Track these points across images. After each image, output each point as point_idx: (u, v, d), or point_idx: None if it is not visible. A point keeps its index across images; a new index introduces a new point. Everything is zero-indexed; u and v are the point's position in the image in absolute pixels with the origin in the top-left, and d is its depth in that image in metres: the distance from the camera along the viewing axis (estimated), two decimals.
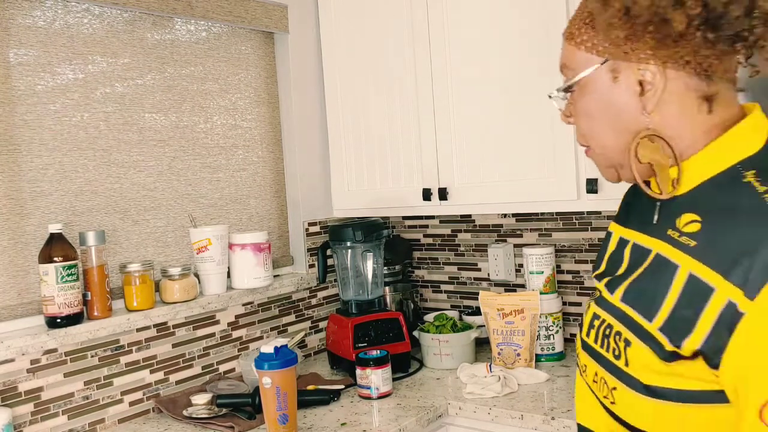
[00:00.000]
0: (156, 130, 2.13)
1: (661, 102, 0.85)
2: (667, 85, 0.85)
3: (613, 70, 0.87)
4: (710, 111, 0.85)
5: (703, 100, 0.85)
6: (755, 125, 0.85)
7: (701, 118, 0.86)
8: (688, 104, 0.85)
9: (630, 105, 0.87)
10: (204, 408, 1.91)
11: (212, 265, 2.12)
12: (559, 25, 1.91)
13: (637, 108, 0.86)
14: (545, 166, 2.05)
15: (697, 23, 0.80)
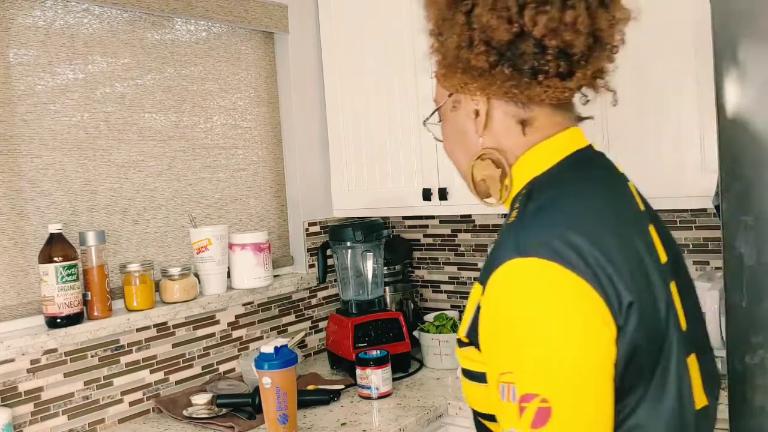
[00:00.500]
0: (156, 130, 2.13)
1: (489, 126, 1.00)
2: (491, 112, 0.99)
3: (455, 101, 1.03)
4: (524, 133, 0.98)
5: (519, 124, 0.98)
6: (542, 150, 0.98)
7: (518, 140, 0.99)
8: (509, 127, 0.99)
9: (469, 129, 1.01)
10: (204, 408, 1.91)
11: (212, 265, 2.12)
12: None
13: (474, 131, 1.01)
14: None
15: (495, 60, 0.94)
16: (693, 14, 1.79)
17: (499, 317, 0.86)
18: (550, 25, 0.91)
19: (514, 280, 0.85)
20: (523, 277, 0.84)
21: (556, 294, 0.83)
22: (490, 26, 0.92)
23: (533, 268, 0.84)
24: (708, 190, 1.66)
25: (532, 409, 0.81)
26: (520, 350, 0.83)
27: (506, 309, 0.85)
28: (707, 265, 2.19)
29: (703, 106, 1.78)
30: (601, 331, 0.82)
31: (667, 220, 2.25)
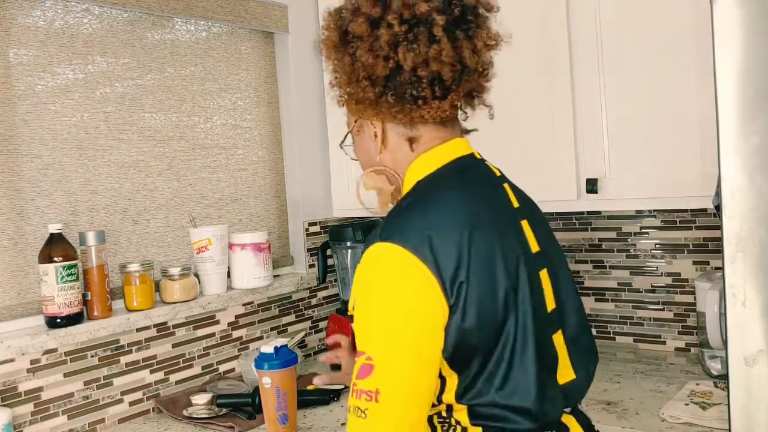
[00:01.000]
0: (156, 130, 2.13)
1: (386, 145, 1.19)
2: (386, 133, 1.19)
3: (359, 126, 1.22)
4: (412, 149, 1.18)
5: (407, 141, 1.18)
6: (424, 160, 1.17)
7: (407, 155, 1.18)
8: (400, 145, 1.18)
9: (371, 149, 1.21)
10: (204, 408, 1.91)
11: (212, 265, 2.12)
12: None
13: (375, 150, 1.20)
14: (545, 165, 2.05)
15: (379, 91, 1.12)
16: (693, 14, 1.79)
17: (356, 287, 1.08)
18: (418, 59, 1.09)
19: (372, 258, 1.06)
20: (379, 256, 1.05)
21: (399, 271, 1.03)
22: (369, 64, 1.11)
23: (389, 250, 1.04)
24: (708, 190, 1.66)
25: (359, 363, 1.02)
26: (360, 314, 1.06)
27: (361, 281, 1.07)
28: (707, 265, 2.19)
29: (703, 106, 1.79)
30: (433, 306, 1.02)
31: (667, 220, 2.26)
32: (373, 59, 1.10)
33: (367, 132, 1.21)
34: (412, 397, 1.02)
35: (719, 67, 1.24)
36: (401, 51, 1.09)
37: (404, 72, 1.10)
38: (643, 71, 1.89)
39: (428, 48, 1.09)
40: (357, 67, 1.12)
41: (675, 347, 2.27)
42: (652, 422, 1.68)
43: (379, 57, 1.10)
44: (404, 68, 1.10)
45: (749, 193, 1.22)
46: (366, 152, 1.24)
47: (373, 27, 1.11)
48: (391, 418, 1.01)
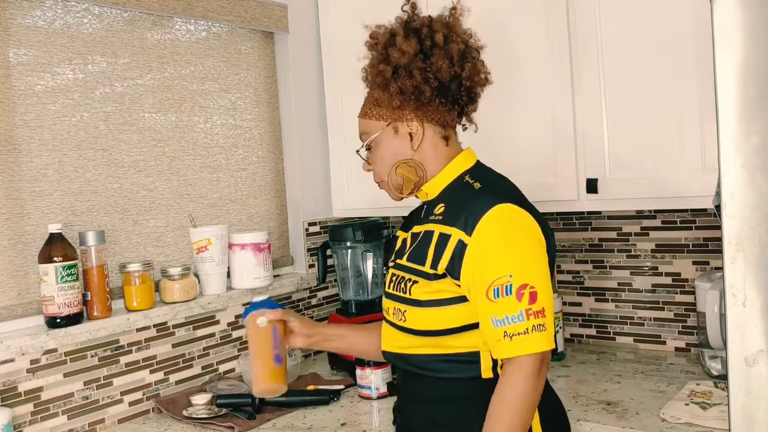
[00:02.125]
0: (156, 130, 2.13)
1: (422, 142, 1.47)
2: (425, 132, 1.47)
3: (394, 129, 1.47)
4: (447, 145, 1.49)
5: (443, 139, 1.48)
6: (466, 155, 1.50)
7: (443, 150, 1.48)
8: (436, 142, 1.48)
9: (406, 147, 1.47)
10: (204, 408, 1.91)
11: (212, 265, 2.12)
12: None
13: (409, 148, 1.47)
14: (545, 166, 2.05)
15: (436, 94, 1.43)
16: (693, 14, 1.79)
17: (498, 239, 1.34)
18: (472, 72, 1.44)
19: (503, 215, 1.35)
20: (509, 213, 1.36)
21: (526, 224, 1.37)
22: (441, 69, 1.41)
23: (512, 208, 1.36)
24: (708, 190, 1.66)
25: (527, 293, 1.31)
26: (512, 258, 1.33)
27: (503, 233, 1.34)
28: (707, 265, 2.19)
29: (704, 106, 1.78)
30: (543, 245, 1.39)
31: (667, 220, 2.26)
32: (446, 65, 1.41)
33: (402, 132, 1.46)
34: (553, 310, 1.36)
35: (719, 67, 1.24)
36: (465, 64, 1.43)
37: (457, 80, 1.43)
38: (643, 71, 1.89)
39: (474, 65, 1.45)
40: (431, 70, 1.40)
41: (675, 347, 2.27)
42: (652, 422, 1.68)
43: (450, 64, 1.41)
44: (459, 77, 1.43)
45: (749, 193, 1.22)
46: (395, 151, 1.47)
47: (445, 41, 1.42)
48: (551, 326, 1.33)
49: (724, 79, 1.23)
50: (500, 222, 1.34)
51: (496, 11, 2.10)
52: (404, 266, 1.47)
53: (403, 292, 1.44)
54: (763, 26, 1.21)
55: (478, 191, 1.41)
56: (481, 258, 1.33)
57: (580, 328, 2.44)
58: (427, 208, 1.50)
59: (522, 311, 1.30)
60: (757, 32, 1.21)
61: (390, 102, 1.45)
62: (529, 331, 1.30)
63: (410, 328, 1.42)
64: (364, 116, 1.51)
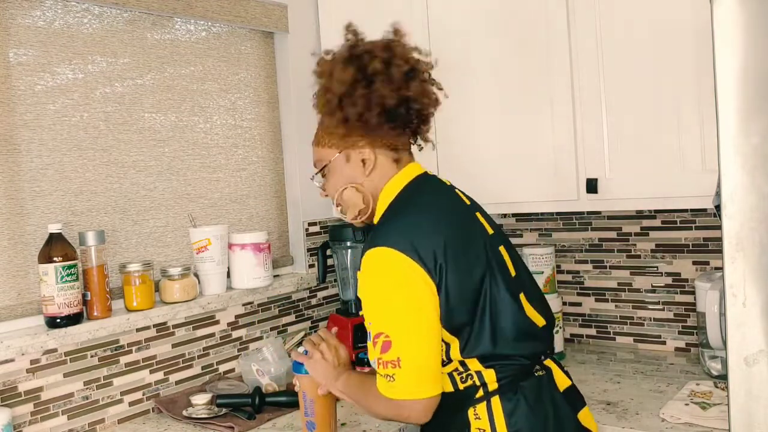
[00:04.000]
0: (156, 130, 2.13)
1: (374, 168, 1.47)
2: (377, 158, 1.47)
3: (346, 156, 1.49)
4: (398, 169, 1.48)
5: (394, 162, 1.48)
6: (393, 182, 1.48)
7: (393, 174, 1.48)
8: (387, 166, 1.48)
9: (358, 174, 1.48)
10: (204, 408, 1.91)
11: (212, 265, 2.12)
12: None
13: (362, 174, 1.48)
14: (545, 165, 2.05)
15: (383, 119, 1.42)
16: (693, 14, 1.79)
17: (364, 286, 1.36)
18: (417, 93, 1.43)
19: (371, 261, 1.35)
20: (376, 258, 1.34)
21: (394, 267, 1.32)
22: (384, 95, 1.39)
23: (382, 252, 1.34)
24: (708, 190, 1.66)
25: (380, 342, 1.32)
26: (372, 306, 1.35)
27: (367, 279, 1.35)
28: (707, 265, 2.20)
29: (704, 106, 1.79)
30: (423, 289, 1.32)
31: (667, 220, 2.26)
32: (389, 90, 1.39)
33: (354, 159, 1.48)
34: (424, 358, 1.32)
35: (719, 67, 1.24)
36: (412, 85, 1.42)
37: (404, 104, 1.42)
38: (643, 71, 1.89)
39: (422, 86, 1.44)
40: (373, 97, 1.39)
41: (675, 347, 2.27)
42: (652, 422, 1.68)
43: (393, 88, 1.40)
44: (409, 100, 1.42)
45: (749, 193, 1.22)
46: (348, 178, 1.49)
47: (386, 66, 1.40)
48: (411, 376, 1.32)
49: (724, 79, 1.23)
50: (368, 268, 1.35)
51: (496, 11, 2.10)
52: None
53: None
54: (763, 26, 1.21)
55: (375, 229, 1.44)
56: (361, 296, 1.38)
57: (580, 328, 2.44)
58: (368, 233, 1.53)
59: (375, 359, 1.34)
60: (757, 32, 1.21)
61: (340, 131, 1.47)
62: (381, 376, 1.35)
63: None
64: (317, 144, 1.56)
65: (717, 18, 1.24)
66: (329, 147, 1.52)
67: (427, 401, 1.33)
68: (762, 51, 1.21)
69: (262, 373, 2.04)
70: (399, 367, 1.31)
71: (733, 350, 1.24)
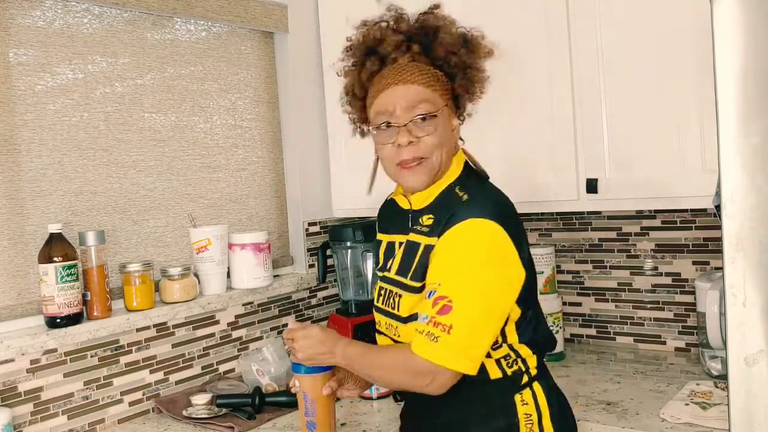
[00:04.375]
0: (156, 130, 2.13)
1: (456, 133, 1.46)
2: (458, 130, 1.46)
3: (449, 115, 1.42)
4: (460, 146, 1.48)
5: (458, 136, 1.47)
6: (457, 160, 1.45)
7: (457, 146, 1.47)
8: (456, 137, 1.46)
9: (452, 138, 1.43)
10: (204, 408, 1.91)
11: (212, 265, 2.12)
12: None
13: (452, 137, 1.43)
14: (545, 165, 2.05)
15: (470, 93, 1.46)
16: (693, 14, 1.79)
17: (451, 248, 1.32)
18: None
19: (472, 229, 1.32)
20: (479, 228, 1.31)
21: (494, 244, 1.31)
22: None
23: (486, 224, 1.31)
24: (708, 190, 1.66)
25: (441, 304, 1.29)
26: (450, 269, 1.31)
27: (459, 244, 1.32)
28: (707, 265, 2.19)
29: (704, 106, 1.78)
30: (514, 269, 1.34)
31: (667, 220, 2.26)
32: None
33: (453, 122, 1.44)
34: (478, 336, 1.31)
35: (719, 67, 1.24)
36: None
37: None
38: (643, 71, 1.89)
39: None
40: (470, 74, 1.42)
41: (675, 347, 2.27)
42: (652, 422, 1.68)
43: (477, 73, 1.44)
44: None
45: (749, 193, 1.22)
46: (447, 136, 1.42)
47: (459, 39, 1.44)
48: (456, 346, 1.29)
49: (724, 79, 1.23)
50: (464, 233, 1.32)
51: (495, 12, 2.10)
52: (391, 279, 1.46)
53: (392, 307, 1.43)
54: (763, 26, 1.21)
55: (464, 203, 1.37)
56: (433, 259, 1.35)
57: (580, 328, 2.44)
58: (413, 217, 1.46)
59: (428, 316, 1.30)
60: (757, 32, 1.21)
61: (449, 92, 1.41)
62: (423, 333, 1.30)
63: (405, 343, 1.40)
64: (425, 85, 1.39)
65: (717, 18, 1.24)
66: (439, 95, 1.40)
67: (455, 375, 1.30)
68: (762, 51, 1.21)
69: (262, 373, 2.04)
70: (448, 333, 1.28)
71: (733, 350, 1.24)
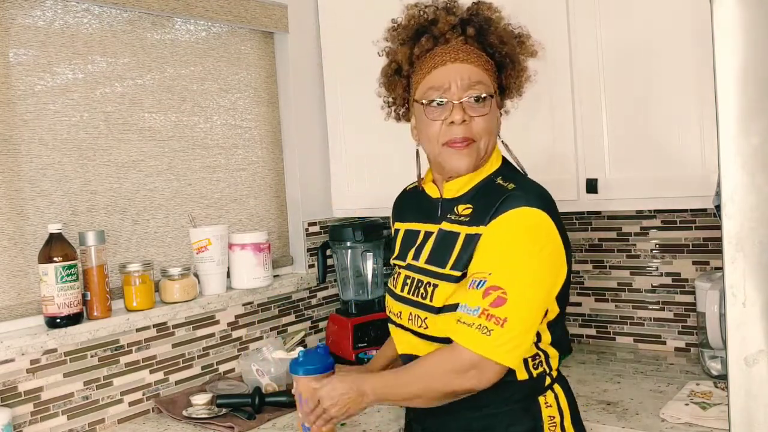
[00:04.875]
0: (156, 130, 2.13)
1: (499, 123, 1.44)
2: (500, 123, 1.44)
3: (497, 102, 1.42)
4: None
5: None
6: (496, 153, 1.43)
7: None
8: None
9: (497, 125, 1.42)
10: (203, 408, 1.91)
11: (212, 265, 2.12)
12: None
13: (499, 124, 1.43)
14: (545, 165, 2.05)
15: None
16: (693, 14, 1.79)
17: (501, 236, 1.28)
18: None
19: (524, 218, 1.28)
20: (531, 217, 1.29)
21: (545, 234, 1.29)
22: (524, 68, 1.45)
23: (538, 214, 1.29)
24: (708, 190, 1.66)
25: (494, 295, 1.25)
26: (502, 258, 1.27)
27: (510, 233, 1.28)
28: (707, 265, 2.19)
29: (704, 106, 1.78)
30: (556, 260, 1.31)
31: (667, 220, 2.25)
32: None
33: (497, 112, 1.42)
34: (528, 330, 1.28)
35: (719, 67, 1.24)
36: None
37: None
38: (643, 71, 1.89)
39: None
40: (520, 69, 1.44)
41: (675, 347, 2.27)
42: (652, 422, 1.68)
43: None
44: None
45: (749, 193, 1.22)
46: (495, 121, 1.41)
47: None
48: (510, 340, 1.25)
49: (724, 79, 1.23)
50: (515, 221, 1.28)
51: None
52: (422, 269, 1.40)
53: (424, 297, 1.37)
54: (763, 26, 1.21)
55: (511, 192, 1.32)
56: (480, 247, 1.30)
57: (580, 328, 2.44)
58: (444, 206, 1.42)
59: (479, 308, 1.25)
60: (757, 32, 1.21)
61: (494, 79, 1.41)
62: (474, 326, 1.25)
63: (433, 336, 1.35)
64: (481, 68, 1.38)
65: (717, 18, 1.24)
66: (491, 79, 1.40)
67: (502, 370, 1.27)
68: (762, 51, 1.21)
69: (262, 373, 2.04)
70: (502, 327, 1.23)
71: (733, 350, 1.24)
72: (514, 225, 1.28)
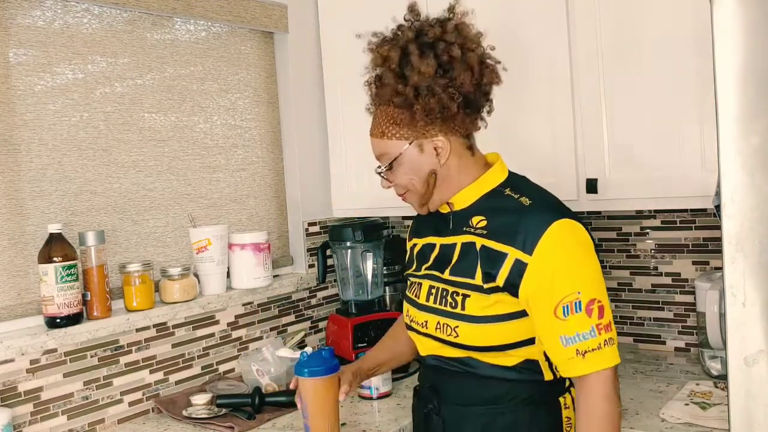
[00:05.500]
0: (156, 130, 2.13)
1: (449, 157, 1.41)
2: (451, 145, 1.40)
3: (419, 146, 1.40)
4: (473, 155, 1.45)
5: (467, 149, 1.44)
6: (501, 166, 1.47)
7: (469, 160, 1.44)
8: (462, 153, 1.43)
9: (432, 162, 1.41)
10: (203, 408, 1.91)
11: (212, 265, 2.12)
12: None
13: (436, 163, 1.41)
14: (545, 165, 2.05)
15: (461, 106, 1.37)
16: (693, 14, 1.79)
17: (562, 256, 1.32)
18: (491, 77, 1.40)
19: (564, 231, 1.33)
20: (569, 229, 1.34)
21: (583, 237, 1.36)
22: (463, 83, 1.35)
23: (569, 224, 1.34)
24: (708, 190, 1.66)
25: (596, 308, 1.30)
26: (578, 274, 1.32)
27: (566, 249, 1.33)
28: (707, 265, 2.19)
29: (704, 106, 1.78)
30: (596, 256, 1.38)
31: (667, 220, 2.25)
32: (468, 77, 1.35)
33: (427, 148, 1.40)
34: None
35: (719, 67, 1.24)
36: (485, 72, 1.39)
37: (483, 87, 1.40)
38: (643, 71, 1.89)
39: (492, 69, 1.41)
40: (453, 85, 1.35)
41: (675, 347, 2.27)
42: (652, 422, 1.68)
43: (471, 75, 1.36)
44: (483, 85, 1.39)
45: (749, 193, 1.22)
46: (423, 168, 1.41)
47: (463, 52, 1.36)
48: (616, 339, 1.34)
49: (724, 79, 1.23)
50: (561, 239, 1.32)
51: (494, 11, 2.10)
52: (447, 279, 1.43)
53: (454, 306, 1.40)
54: (763, 26, 1.21)
55: (529, 208, 1.37)
56: (546, 277, 1.31)
57: None
58: (456, 219, 1.45)
59: (593, 327, 1.29)
60: (757, 32, 1.21)
61: (413, 122, 1.37)
62: (602, 346, 1.30)
63: (464, 344, 1.39)
64: (381, 137, 1.42)
65: (717, 19, 1.24)
66: (398, 139, 1.40)
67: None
68: (762, 51, 1.21)
69: (261, 373, 2.04)
70: (611, 330, 1.31)
71: (733, 350, 1.24)
72: (564, 241, 1.33)
